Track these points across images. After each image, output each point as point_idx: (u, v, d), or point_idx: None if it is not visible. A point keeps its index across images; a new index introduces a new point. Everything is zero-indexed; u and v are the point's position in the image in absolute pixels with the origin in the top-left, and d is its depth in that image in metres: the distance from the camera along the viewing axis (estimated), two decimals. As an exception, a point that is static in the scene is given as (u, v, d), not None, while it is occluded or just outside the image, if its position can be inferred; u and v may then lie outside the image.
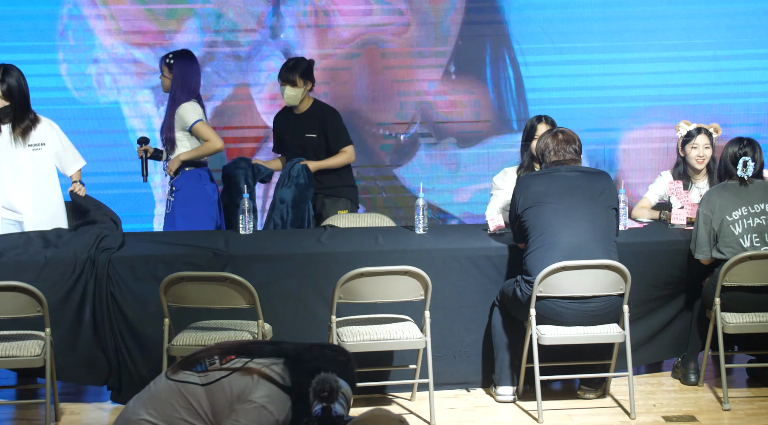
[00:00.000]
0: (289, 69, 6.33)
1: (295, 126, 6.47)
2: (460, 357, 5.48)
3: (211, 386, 3.37)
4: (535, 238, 5.10)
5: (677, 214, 5.89)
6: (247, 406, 3.30)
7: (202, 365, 3.40)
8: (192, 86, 6.21)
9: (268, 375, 3.35)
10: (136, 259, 5.29)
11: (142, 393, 3.51)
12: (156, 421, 3.38)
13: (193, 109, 6.15)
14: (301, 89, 6.33)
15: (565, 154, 5.25)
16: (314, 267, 5.34)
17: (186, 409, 3.35)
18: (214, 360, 3.42)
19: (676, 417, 5.12)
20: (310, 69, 6.38)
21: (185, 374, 3.41)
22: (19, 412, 5.30)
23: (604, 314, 5.11)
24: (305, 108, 6.44)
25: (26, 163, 5.60)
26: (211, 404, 3.35)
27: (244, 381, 3.33)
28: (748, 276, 5.23)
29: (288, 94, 6.34)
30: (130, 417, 3.44)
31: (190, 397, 3.36)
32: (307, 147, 6.43)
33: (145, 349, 5.23)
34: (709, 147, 6.03)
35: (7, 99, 5.55)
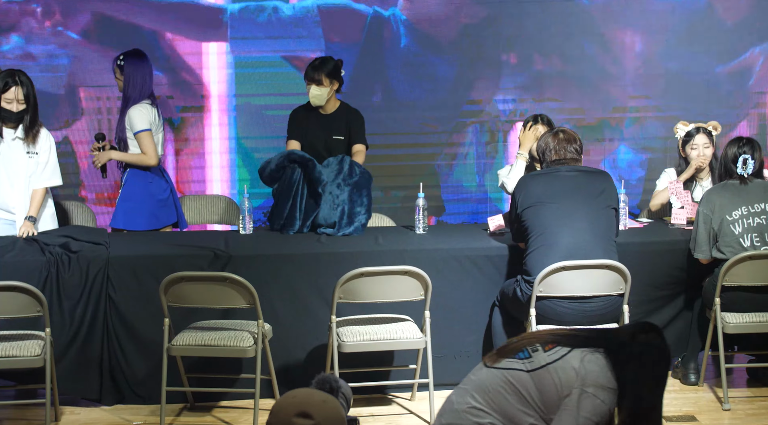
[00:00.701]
0: (315, 68, 6.12)
1: (322, 127, 6.25)
2: (460, 357, 5.48)
3: (537, 372, 3.34)
4: (535, 238, 5.10)
5: (677, 214, 5.89)
6: (578, 396, 3.29)
7: (524, 352, 3.39)
8: (144, 86, 6.16)
9: (592, 364, 3.34)
10: (136, 259, 5.29)
11: (463, 384, 3.47)
12: (485, 408, 3.36)
13: (142, 115, 6.07)
14: (327, 89, 6.12)
15: (566, 153, 5.25)
16: (314, 267, 5.34)
17: (515, 395, 3.34)
18: (536, 348, 3.39)
19: (676, 417, 5.12)
20: (337, 69, 6.18)
21: (508, 361, 3.38)
22: (19, 413, 5.30)
23: (604, 315, 5.11)
24: (332, 109, 6.25)
25: (22, 168, 5.63)
26: (539, 390, 3.33)
27: (570, 369, 3.32)
28: (748, 276, 5.23)
29: (313, 93, 6.12)
30: (458, 407, 3.40)
31: (518, 384, 3.34)
32: (333, 149, 6.24)
33: (145, 349, 5.23)
34: (709, 146, 6.03)
35: (25, 103, 5.58)
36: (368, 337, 4.98)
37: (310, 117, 6.28)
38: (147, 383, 5.26)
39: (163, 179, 6.31)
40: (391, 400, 5.42)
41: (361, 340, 4.97)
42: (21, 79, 5.58)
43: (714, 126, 6.11)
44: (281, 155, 5.82)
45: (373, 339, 4.98)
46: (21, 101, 5.57)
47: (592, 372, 3.29)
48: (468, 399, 3.38)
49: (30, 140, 5.62)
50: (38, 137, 5.65)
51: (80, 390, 5.28)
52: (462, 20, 7.44)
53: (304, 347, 5.37)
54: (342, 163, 5.84)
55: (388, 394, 5.45)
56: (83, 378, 5.25)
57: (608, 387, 3.29)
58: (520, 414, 3.33)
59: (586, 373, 3.29)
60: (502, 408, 3.34)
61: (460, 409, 3.38)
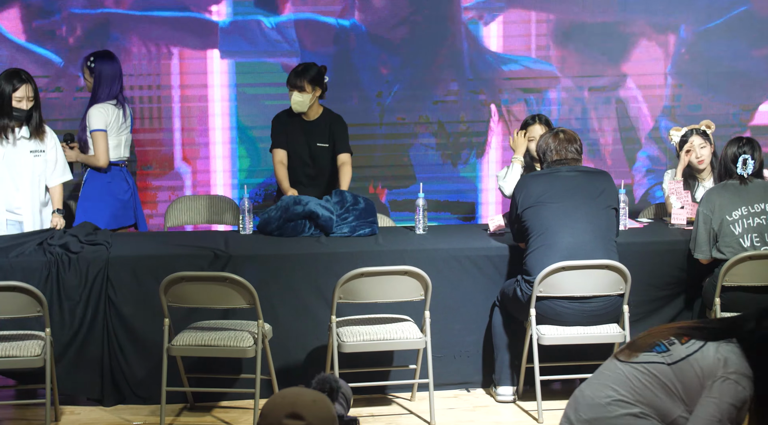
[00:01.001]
0: (297, 74, 6.07)
1: (305, 133, 6.21)
2: (460, 357, 5.48)
3: (678, 364, 3.41)
4: (535, 238, 5.10)
5: (677, 214, 5.89)
6: (721, 382, 3.36)
7: (660, 346, 3.46)
8: (113, 87, 6.14)
9: (730, 353, 3.40)
10: (136, 259, 5.29)
11: (596, 379, 3.54)
12: (630, 400, 3.42)
13: (100, 115, 6.06)
14: (309, 95, 6.06)
15: (567, 153, 5.26)
16: (314, 267, 5.34)
17: (661, 388, 3.41)
18: (672, 341, 3.46)
19: (676, 417, 5.11)
20: (320, 75, 6.13)
21: (646, 355, 3.46)
22: (19, 412, 5.30)
23: (604, 314, 5.11)
24: (315, 116, 6.20)
25: (26, 168, 5.63)
26: (681, 382, 3.40)
27: (711, 359, 3.39)
28: (748, 276, 5.23)
29: (295, 99, 6.06)
30: (599, 401, 3.45)
31: (662, 377, 3.41)
32: (318, 157, 6.23)
33: (145, 349, 5.23)
34: (705, 145, 6.02)
35: (33, 101, 5.59)
36: (368, 337, 4.98)
37: (293, 123, 6.21)
38: (147, 383, 5.26)
39: (124, 180, 6.27)
40: (391, 400, 5.42)
41: (361, 340, 4.97)
42: (28, 77, 5.60)
43: (707, 124, 6.10)
44: (279, 218, 5.70)
45: (373, 339, 4.98)
46: (30, 99, 5.59)
47: (731, 360, 3.36)
48: (609, 392, 3.44)
49: (37, 138, 5.63)
50: (45, 134, 5.66)
51: (80, 389, 5.28)
52: (414, 19, 7.49)
53: (304, 347, 5.37)
54: (342, 197, 5.81)
55: (388, 394, 5.45)
56: (83, 378, 5.25)
57: (747, 374, 3.36)
58: (668, 405, 3.39)
59: (726, 362, 3.36)
60: (650, 400, 3.40)
61: (603, 403, 3.44)
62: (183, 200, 6.72)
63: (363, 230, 5.66)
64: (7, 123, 5.57)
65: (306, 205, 5.65)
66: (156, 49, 7.33)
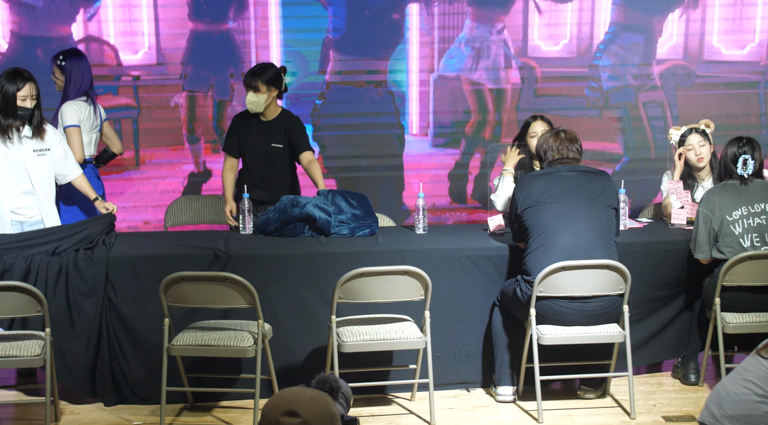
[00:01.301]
0: (253, 74, 6.02)
1: (261, 134, 6.15)
2: (460, 357, 5.48)
3: None
4: (535, 238, 5.10)
5: (677, 214, 5.89)
6: None
7: None
8: (82, 84, 6.13)
9: None
10: (136, 259, 5.29)
11: (737, 375, 3.59)
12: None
13: (73, 111, 6.05)
14: (264, 96, 6.00)
15: (568, 152, 5.25)
16: (314, 267, 5.34)
17: None
18: None
19: (676, 417, 5.12)
20: (277, 76, 6.07)
21: None
22: (19, 412, 5.30)
23: (604, 314, 5.11)
24: (272, 116, 6.14)
25: (31, 167, 5.62)
26: None
27: None
28: (748, 276, 5.23)
29: (250, 99, 6.01)
30: (744, 398, 3.48)
31: None
32: (272, 157, 6.14)
33: (145, 349, 5.23)
34: (705, 144, 6.02)
35: (36, 99, 5.59)
36: (368, 337, 4.98)
37: (251, 124, 6.17)
38: (147, 383, 5.26)
39: (96, 177, 6.27)
40: (391, 400, 5.42)
41: (361, 340, 4.97)
42: (30, 76, 5.59)
43: (706, 123, 6.10)
44: (277, 219, 5.70)
45: (373, 339, 4.98)
46: (33, 97, 5.58)
47: None
48: (754, 388, 3.47)
49: (38, 137, 5.62)
50: (46, 133, 5.65)
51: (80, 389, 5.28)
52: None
53: (304, 347, 5.37)
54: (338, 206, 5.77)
55: (388, 394, 5.45)
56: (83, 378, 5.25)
57: None
58: None
59: None
60: None
61: (749, 399, 3.47)
62: (183, 200, 6.72)
63: (363, 231, 5.66)
64: (11, 123, 5.56)
65: (303, 207, 5.65)
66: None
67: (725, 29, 7.47)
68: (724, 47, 7.47)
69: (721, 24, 7.48)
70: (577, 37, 7.43)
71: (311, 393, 2.82)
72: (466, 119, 7.58)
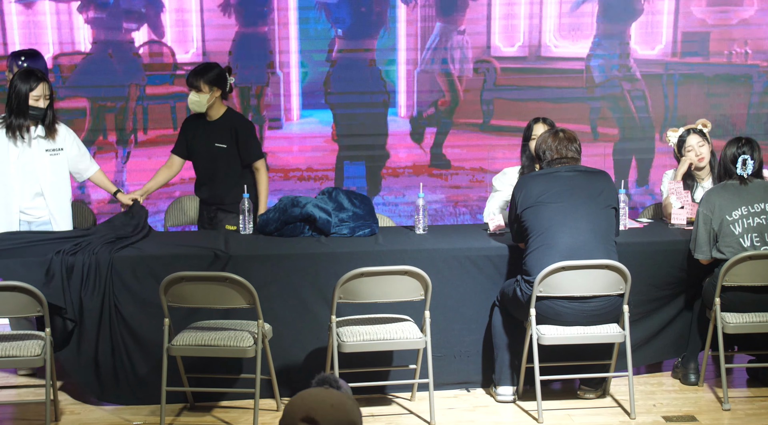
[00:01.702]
0: (195, 73, 6.00)
1: (205, 134, 6.13)
2: (460, 357, 5.48)
3: None
4: (535, 238, 5.10)
5: (677, 214, 5.89)
6: None
7: None
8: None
9: None
10: (136, 259, 5.29)
11: None
12: None
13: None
14: (206, 96, 5.98)
15: (567, 152, 5.25)
16: (314, 267, 5.34)
17: None
18: None
19: (676, 417, 5.12)
20: (220, 76, 6.04)
21: None
22: (19, 412, 5.31)
23: (604, 314, 5.11)
24: (217, 116, 6.11)
25: (43, 168, 5.63)
26: None
27: None
28: (748, 276, 5.23)
29: (191, 99, 6.00)
30: None
31: None
32: (217, 157, 6.11)
33: (145, 349, 5.23)
34: (704, 144, 6.02)
35: (48, 99, 5.59)
36: (368, 337, 4.98)
37: (198, 125, 6.16)
38: (147, 383, 5.26)
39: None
40: (391, 400, 5.42)
41: (361, 340, 4.97)
42: (43, 76, 5.60)
43: (703, 123, 6.10)
44: (277, 219, 5.70)
45: (373, 339, 4.98)
46: (46, 97, 5.59)
47: None
48: None
49: (50, 137, 5.63)
50: (58, 133, 5.65)
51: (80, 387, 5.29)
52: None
53: (304, 347, 5.37)
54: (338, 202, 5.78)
55: (388, 394, 5.45)
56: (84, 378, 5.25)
57: None
58: None
59: None
60: None
61: None
62: (183, 200, 6.71)
63: (363, 231, 5.66)
64: (22, 122, 5.57)
65: (303, 207, 5.65)
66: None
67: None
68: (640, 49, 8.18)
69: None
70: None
71: (333, 399, 2.81)
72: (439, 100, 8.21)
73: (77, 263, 5.16)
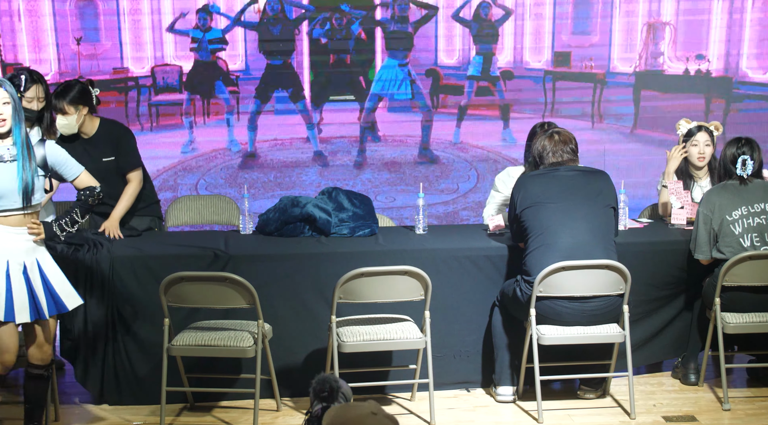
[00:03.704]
0: (57, 96, 5.61)
1: (87, 152, 5.70)
2: (460, 357, 5.48)
3: None
4: (535, 238, 5.10)
5: (677, 214, 5.89)
6: None
7: None
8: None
9: None
10: (136, 259, 5.29)
11: None
12: None
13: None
14: (74, 117, 5.62)
15: (563, 154, 5.26)
16: (314, 267, 5.34)
17: None
18: None
19: (676, 417, 5.12)
20: (83, 92, 5.66)
21: None
22: (19, 412, 5.30)
23: (604, 314, 5.11)
24: (92, 132, 5.78)
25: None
26: None
27: None
28: (748, 276, 5.23)
29: (60, 123, 5.63)
30: None
31: None
32: (107, 173, 5.63)
33: (145, 349, 5.24)
34: (710, 145, 6.03)
35: (44, 101, 5.57)
36: (368, 337, 4.98)
37: (76, 145, 5.71)
38: (147, 383, 5.26)
39: None
40: (391, 400, 5.42)
41: (361, 340, 4.97)
42: (39, 77, 5.58)
43: (716, 126, 6.11)
44: (278, 220, 5.69)
45: (373, 339, 4.99)
46: (41, 99, 5.56)
47: None
48: None
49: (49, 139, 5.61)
50: (55, 136, 5.64)
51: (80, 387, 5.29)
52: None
53: (304, 347, 5.37)
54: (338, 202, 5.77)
55: (388, 394, 5.45)
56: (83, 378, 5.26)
57: None
58: None
59: None
60: None
61: None
62: (183, 200, 6.72)
63: (363, 231, 5.67)
64: None
65: (303, 207, 5.66)
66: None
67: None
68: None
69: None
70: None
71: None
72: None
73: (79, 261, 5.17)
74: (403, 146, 8.85)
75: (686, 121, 6.15)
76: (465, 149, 8.89)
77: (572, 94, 8.93)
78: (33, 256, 4.47)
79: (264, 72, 8.69)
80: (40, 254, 4.51)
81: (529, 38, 8.97)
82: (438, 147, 8.86)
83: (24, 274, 4.43)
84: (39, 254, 4.51)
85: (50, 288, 4.48)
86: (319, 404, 3.44)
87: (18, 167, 4.38)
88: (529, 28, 8.96)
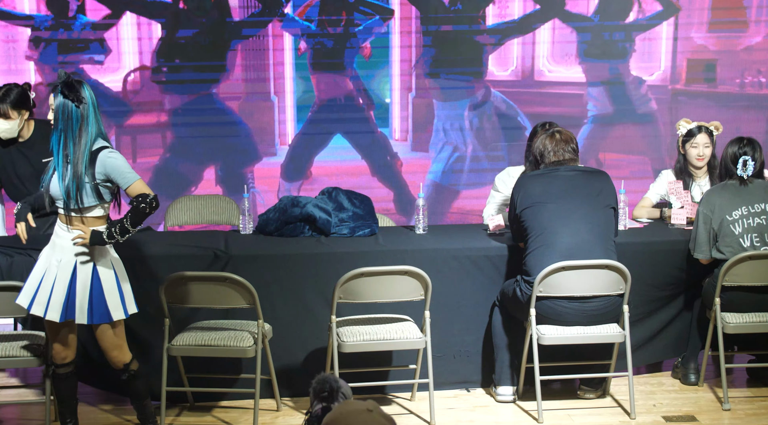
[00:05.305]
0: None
1: (26, 156, 5.62)
2: (460, 357, 5.48)
3: None
4: (535, 238, 5.10)
5: (677, 214, 5.89)
6: None
7: None
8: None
9: None
10: (136, 259, 5.29)
11: None
12: None
13: None
14: (16, 121, 5.51)
15: (564, 153, 5.26)
16: (314, 267, 5.34)
17: None
18: None
19: (676, 417, 5.12)
20: (22, 96, 5.53)
21: None
22: (19, 412, 5.31)
23: (604, 314, 5.11)
24: (29, 134, 5.64)
25: None
26: None
27: None
28: (748, 276, 5.23)
29: (2, 128, 5.51)
30: None
31: None
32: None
33: (145, 349, 5.23)
34: (710, 145, 6.03)
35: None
36: (368, 337, 4.98)
37: (11, 150, 5.64)
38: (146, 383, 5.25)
39: None
40: (391, 400, 5.42)
41: (361, 340, 4.97)
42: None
43: (716, 126, 6.11)
44: (278, 219, 5.69)
45: (373, 339, 4.99)
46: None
47: None
48: None
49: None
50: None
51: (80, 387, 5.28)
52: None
53: (304, 347, 5.37)
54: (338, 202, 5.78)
55: (388, 394, 5.45)
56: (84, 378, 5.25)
57: None
58: None
59: None
60: None
61: None
62: (183, 200, 6.72)
63: (363, 231, 5.67)
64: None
65: (304, 207, 5.66)
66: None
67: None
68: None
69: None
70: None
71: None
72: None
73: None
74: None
75: (686, 121, 6.15)
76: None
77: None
78: (88, 258, 4.49)
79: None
80: (102, 260, 4.53)
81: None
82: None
83: (73, 274, 4.47)
84: (100, 259, 4.52)
85: (94, 295, 4.49)
86: (319, 404, 3.44)
87: (58, 173, 4.46)
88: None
